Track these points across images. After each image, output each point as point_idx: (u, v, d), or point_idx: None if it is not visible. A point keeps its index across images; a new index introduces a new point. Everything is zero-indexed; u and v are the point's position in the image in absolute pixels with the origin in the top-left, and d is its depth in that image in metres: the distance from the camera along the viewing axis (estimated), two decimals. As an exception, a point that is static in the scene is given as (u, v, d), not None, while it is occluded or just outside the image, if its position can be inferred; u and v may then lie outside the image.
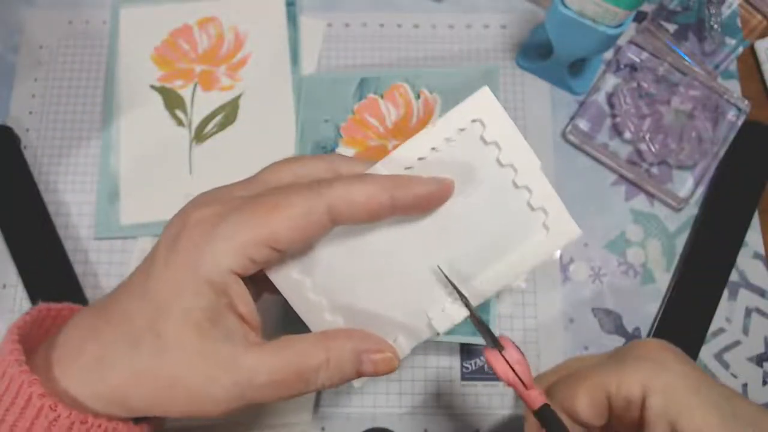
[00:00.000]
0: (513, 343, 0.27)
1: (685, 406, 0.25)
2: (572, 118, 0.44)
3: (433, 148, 0.27)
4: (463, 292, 0.27)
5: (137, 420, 0.28)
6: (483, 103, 0.26)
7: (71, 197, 0.43)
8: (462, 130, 0.27)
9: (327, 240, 0.27)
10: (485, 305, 0.39)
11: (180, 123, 0.44)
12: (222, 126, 0.44)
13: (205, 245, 0.25)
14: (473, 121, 0.27)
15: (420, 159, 0.27)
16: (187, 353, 0.25)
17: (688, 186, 0.43)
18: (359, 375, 0.27)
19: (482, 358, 0.39)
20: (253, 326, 0.27)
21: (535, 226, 0.28)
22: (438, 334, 0.28)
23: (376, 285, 0.28)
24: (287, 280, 0.27)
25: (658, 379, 0.26)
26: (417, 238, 0.27)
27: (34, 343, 0.28)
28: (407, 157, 0.27)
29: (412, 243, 0.27)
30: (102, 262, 0.41)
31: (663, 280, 0.42)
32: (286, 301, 0.28)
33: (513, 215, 0.28)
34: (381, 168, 0.27)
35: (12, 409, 0.25)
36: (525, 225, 0.28)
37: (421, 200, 0.26)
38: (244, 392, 0.25)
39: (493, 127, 0.27)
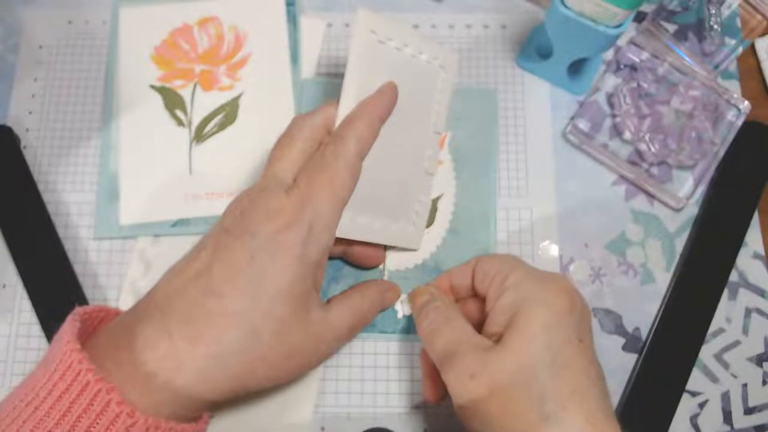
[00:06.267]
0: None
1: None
2: (572, 118, 0.44)
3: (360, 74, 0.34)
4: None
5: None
6: (366, 20, 0.33)
7: (71, 197, 0.43)
8: (367, 46, 0.33)
9: None
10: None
11: (180, 123, 0.44)
12: (222, 126, 0.44)
13: (307, 242, 0.30)
14: (372, 32, 0.33)
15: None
16: (296, 333, 0.31)
17: (688, 186, 0.43)
18: (383, 309, 0.39)
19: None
20: (318, 289, 0.33)
21: (437, 71, 0.37)
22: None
23: (379, 178, 0.35)
24: None
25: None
26: (395, 132, 0.35)
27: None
28: (352, 89, 0.33)
29: (392, 140, 0.35)
30: (102, 262, 0.41)
31: (663, 280, 0.42)
32: None
33: (424, 73, 0.37)
34: (347, 101, 0.33)
35: (85, 416, 0.26)
36: (432, 76, 0.37)
37: (391, 102, 0.34)
38: (340, 342, 0.35)
39: (380, 29, 0.34)
